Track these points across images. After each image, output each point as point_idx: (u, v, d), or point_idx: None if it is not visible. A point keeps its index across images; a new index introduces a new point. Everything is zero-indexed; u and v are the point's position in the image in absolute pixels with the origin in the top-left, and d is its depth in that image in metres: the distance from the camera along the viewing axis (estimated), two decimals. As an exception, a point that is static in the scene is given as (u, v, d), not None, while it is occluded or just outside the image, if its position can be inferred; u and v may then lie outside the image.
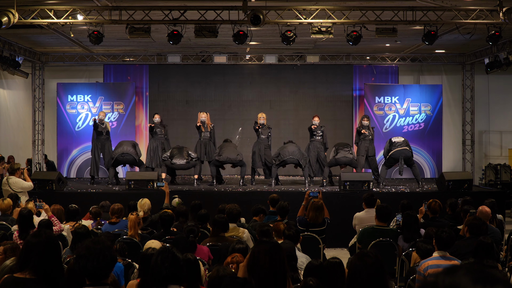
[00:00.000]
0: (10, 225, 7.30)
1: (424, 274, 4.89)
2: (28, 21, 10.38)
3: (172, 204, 8.46)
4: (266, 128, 12.38)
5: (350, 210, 9.04)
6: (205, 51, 14.83)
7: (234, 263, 4.59)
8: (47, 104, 15.47)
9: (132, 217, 6.56)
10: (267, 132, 12.38)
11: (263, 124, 12.37)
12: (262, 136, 12.28)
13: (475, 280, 1.42)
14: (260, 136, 12.29)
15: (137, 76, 15.69)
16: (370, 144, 12.44)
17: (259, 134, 12.31)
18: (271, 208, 8.22)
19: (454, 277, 1.44)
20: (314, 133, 12.40)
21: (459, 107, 15.92)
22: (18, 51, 13.45)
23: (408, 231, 6.66)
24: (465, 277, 1.43)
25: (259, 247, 3.20)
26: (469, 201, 8.14)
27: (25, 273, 3.10)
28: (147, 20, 10.44)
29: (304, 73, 15.78)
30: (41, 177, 11.58)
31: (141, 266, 4.27)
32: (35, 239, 3.18)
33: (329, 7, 10.25)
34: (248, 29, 10.55)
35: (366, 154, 12.42)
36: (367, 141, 12.38)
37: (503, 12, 9.49)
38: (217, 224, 6.27)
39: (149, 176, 11.62)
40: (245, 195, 11.21)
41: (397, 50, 14.85)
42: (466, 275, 1.44)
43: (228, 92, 15.81)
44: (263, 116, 12.47)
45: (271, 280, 3.11)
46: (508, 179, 14.96)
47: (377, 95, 15.03)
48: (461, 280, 1.43)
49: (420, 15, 10.41)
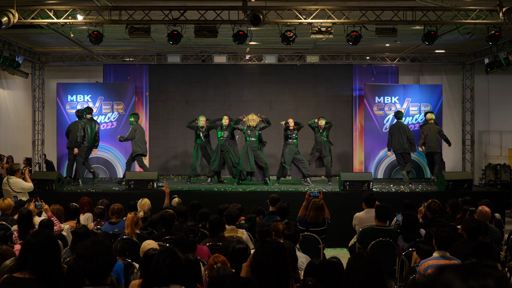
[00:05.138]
0: (10, 225, 7.30)
1: (424, 274, 4.89)
2: (28, 21, 10.38)
3: (172, 204, 8.47)
4: (253, 129, 12.36)
5: (350, 210, 9.05)
6: (205, 51, 14.83)
7: (219, 262, 4.59)
8: (47, 104, 15.47)
9: (130, 216, 6.57)
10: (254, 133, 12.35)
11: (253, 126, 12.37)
12: (252, 139, 12.27)
13: (466, 275, 1.42)
14: (250, 138, 12.28)
15: (137, 76, 15.69)
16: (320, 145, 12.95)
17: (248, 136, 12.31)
18: (271, 208, 8.23)
19: (445, 274, 1.45)
20: (290, 135, 12.48)
21: (459, 107, 15.92)
22: (18, 51, 13.45)
23: (408, 231, 6.67)
24: (455, 274, 1.44)
25: (263, 247, 3.20)
26: (469, 201, 8.15)
27: (25, 273, 3.10)
28: (147, 20, 10.44)
29: (304, 73, 15.77)
30: (41, 177, 11.58)
31: (143, 266, 4.27)
32: (34, 239, 3.18)
33: (329, 7, 10.25)
34: (248, 29, 10.55)
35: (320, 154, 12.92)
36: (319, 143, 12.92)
37: (503, 12, 9.50)
38: (212, 225, 6.28)
39: (149, 176, 11.62)
40: (245, 195, 11.20)
41: (397, 50, 14.85)
42: (456, 272, 1.44)
43: (228, 92, 15.81)
44: (254, 118, 12.46)
45: (275, 280, 3.11)
46: (508, 179, 14.96)
47: (377, 95, 15.03)
48: (452, 277, 1.43)
49: (420, 15, 10.41)
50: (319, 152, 12.97)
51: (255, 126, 12.34)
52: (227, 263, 4.63)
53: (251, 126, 12.30)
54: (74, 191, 11.56)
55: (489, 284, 1.39)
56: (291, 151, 12.50)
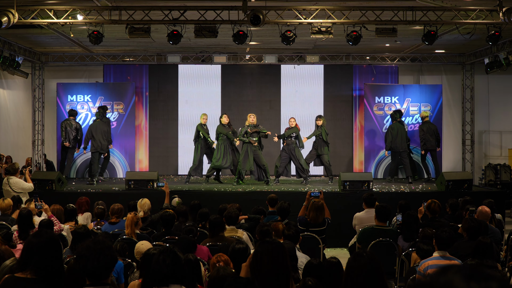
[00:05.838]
0: (10, 225, 7.30)
1: (424, 274, 4.89)
2: (28, 21, 10.38)
3: (172, 204, 8.48)
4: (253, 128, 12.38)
5: (350, 210, 9.05)
6: (205, 51, 14.83)
7: (221, 261, 4.60)
8: (47, 104, 15.46)
9: (129, 216, 6.57)
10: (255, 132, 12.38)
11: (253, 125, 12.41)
12: (252, 138, 12.30)
13: (468, 277, 1.41)
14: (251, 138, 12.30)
15: (137, 76, 15.69)
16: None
17: None
18: (270, 208, 8.24)
19: (447, 275, 1.43)
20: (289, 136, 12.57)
21: (459, 107, 15.92)
22: (18, 51, 13.44)
23: (408, 231, 6.67)
24: (458, 275, 1.42)
25: (262, 247, 3.20)
26: (469, 201, 8.15)
27: (26, 273, 3.10)
28: (147, 20, 10.44)
29: (304, 73, 15.77)
30: (41, 177, 11.58)
31: (142, 266, 4.27)
32: (36, 239, 3.18)
33: (329, 7, 10.25)
34: (248, 29, 10.55)
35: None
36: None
37: (503, 12, 9.50)
38: (213, 225, 6.29)
39: (149, 176, 11.62)
40: (245, 195, 11.21)
41: (397, 50, 14.85)
42: (458, 273, 1.43)
43: (228, 92, 15.81)
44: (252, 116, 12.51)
45: (274, 280, 3.11)
46: (508, 179, 14.97)
47: (377, 95, 15.03)
48: (454, 278, 1.42)
49: (420, 15, 10.41)
50: (315, 150, 12.96)
51: (256, 125, 12.35)
52: (230, 262, 4.64)
53: (251, 125, 12.31)
54: (74, 191, 11.57)
55: (491, 287, 1.39)
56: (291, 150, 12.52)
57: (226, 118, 12.68)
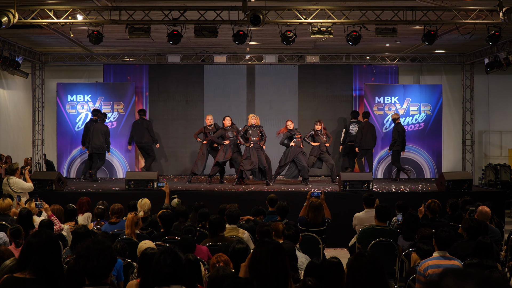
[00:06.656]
0: (10, 225, 7.29)
1: (424, 274, 4.89)
2: (28, 21, 10.38)
3: (172, 204, 8.47)
4: (254, 129, 12.36)
5: (350, 210, 9.05)
6: (205, 51, 14.83)
7: (221, 262, 4.60)
8: (47, 104, 15.46)
9: (130, 216, 6.57)
10: (256, 133, 12.35)
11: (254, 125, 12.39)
12: (253, 138, 12.27)
13: (475, 281, 1.38)
14: (253, 138, 12.27)
15: (137, 76, 15.69)
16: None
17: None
18: (270, 208, 8.24)
19: (461, 284, 1.39)
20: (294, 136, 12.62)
21: (459, 107, 15.92)
22: (18, 51, 13.44)
23: (408, 230, 6.67)
24: (457, 277, 1.40)
25: (261, 248, 3.20)
26: (469, 201, 8.15)
27: (25, 273, 3.10)
28: (147, 20, 10.44)
29: (304, 73, 15.77)
30: (41, 177, 11.58)
31: (140, 265, 4.27)
32: (35, 239, 3.18)
33: (329, 7, 10.25)
34: (248, 29, 10.55)
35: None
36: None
37: (503, 12, 9.49)
38: (212, 225, 6.28)
39: (149, 176, 11.62)
40: (245, 195, 11.21)
41: (397, 50, 14.85)
42: (472, 282, 1.39)
43: (228, 92, 15.80)
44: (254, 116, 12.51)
45: (273, 281, 3.11)
46: (508, 179, 14.97)
47: (377, 95, 15.03)
48: (453, 281, 1.39)
49: (420, 15, 10.41)
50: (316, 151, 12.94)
51: (258, 126, 12.33)
52: (230, 263, 4.63)
53: (253, 125, 12.30)
54: (74, 191, 11.57)
55: None
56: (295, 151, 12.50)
57: (228, 120, 12.64)
